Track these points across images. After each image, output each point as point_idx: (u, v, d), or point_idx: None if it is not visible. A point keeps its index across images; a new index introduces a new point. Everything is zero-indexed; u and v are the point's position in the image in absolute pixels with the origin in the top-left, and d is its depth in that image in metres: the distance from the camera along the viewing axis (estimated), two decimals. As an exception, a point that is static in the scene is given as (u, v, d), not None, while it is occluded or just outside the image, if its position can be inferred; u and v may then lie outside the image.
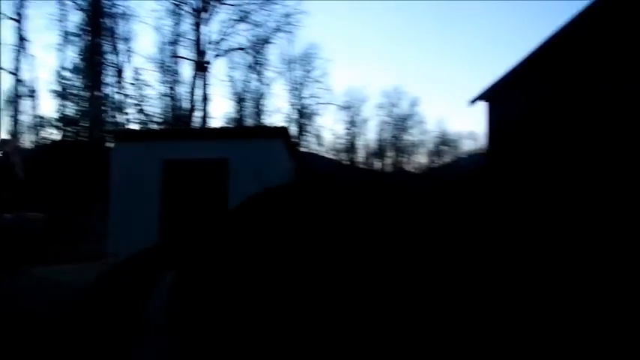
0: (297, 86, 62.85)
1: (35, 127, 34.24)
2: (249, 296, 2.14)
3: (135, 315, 3.11)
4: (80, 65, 34.31)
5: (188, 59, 39.11)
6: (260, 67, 52.20)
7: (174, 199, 13.05)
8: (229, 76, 48.12)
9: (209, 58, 40.63)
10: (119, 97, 36.23)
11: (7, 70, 30.90)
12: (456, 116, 78.71)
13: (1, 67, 30.02)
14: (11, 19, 31.40)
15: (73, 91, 33.87)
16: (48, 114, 35.44)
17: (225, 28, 42.02)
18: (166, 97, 39.55)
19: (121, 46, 36.79)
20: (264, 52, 50.74)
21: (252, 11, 40.63)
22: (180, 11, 37.77)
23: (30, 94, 33.05)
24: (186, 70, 53.31)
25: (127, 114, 36.44)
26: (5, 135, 29.69)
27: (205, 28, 39.31)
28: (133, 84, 36.79)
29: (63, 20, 34.03)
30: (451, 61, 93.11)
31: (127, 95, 36.33)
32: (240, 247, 2.61)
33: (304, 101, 63.12)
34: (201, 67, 38.94)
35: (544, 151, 13.00)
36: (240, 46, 44.56)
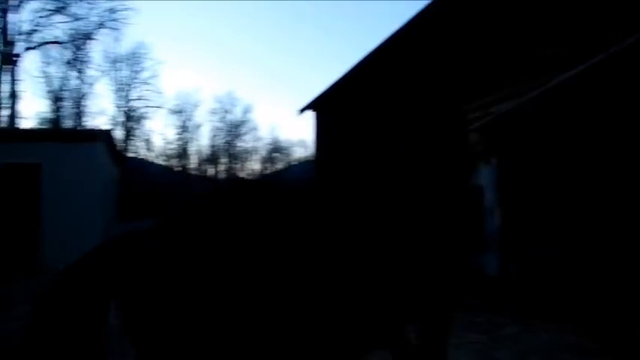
0: (124, 87, 58.83)
1: None
2: None
3: None
4: None
5: (-9, 50, 34.18)
6: (81, 65, 47.83)
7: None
8: (44, 72, 43.18)
9: (19, 50, 36.02)
10: None
11: None
12: (288, 124, 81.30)
13: None
14: None
15: None
16: None
17: (39, 18, 37.77)
18: (-37, 93, 34.13)
19: None
20: (85, 48, 46.59)
21: (71, 3, 37.02)
22: (-19, -5, 32.99)
23: None
24: (-11, 63, 46.52)
25: None
26: None
27: (14, 16, 34.77)
28: None
29: None
30: (284, 70, 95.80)
31: None
32: None
33: (132, 104, 59.33)
34: (9, 60, 34.31)
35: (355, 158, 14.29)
36: (57, 40, 40.35)
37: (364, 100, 14.75)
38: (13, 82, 34.68)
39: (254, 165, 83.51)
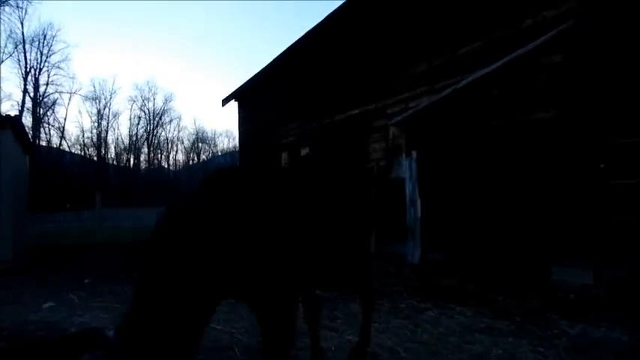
0: (33, 71, 54.48)
1: None
2: None
3: None
4: None
5: None
6: (-18, 45, 43.88)
7: None
8: (-62, 51, 39.40)
9: None
10: None
11: None
12: (213, 115, 79.65)
13: None
14: None
15: None
16: None
17: None
18: None
19: None
20: (-13, 26, 42.73)
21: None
22: None
23: None
24: None
25: None
26: None
27: None
28: None
29: None
30: (209, 61, 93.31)
31: None
32: None
33: (41, 89, 55.09)
34: None
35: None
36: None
37: (283, 92, 14.82)
38: None
39: (178, 155, 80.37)
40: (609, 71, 5.89)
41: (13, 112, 32.11)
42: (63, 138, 61.06)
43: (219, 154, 74.96)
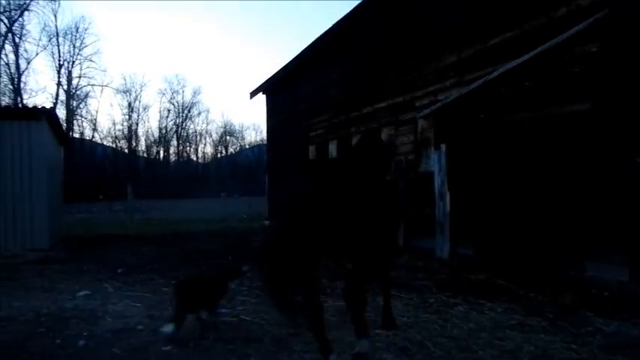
0: (66, 63, 55.73)
1: None
2: None
3: None
4: None
5: None
6: (17, 38, 45.09)
7: None
8: (-23, 46, 40.62)
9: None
10: None
11: None
12: (241, 108, 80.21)
13: None
14: None
15: None
16: None
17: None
18: None
19: None
20: (20, 20, 43.73)
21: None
22: None
23: None
24: None
25: None
26: None
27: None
28: None
29: None
30: (237, 54, 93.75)
31: None
32: None
33: (74, 82, 56.35)
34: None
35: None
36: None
37: (311, 85, 14.79)
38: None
39: (206, 148, 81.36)
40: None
41: (48, 105, 32.97)
42: (95, 130, 62.30)
43: (246, 146, 75.56)
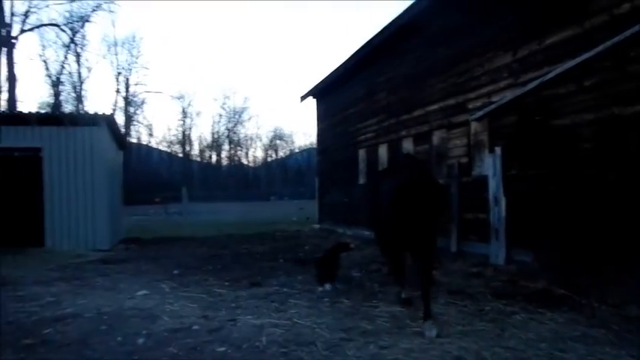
0: (123, 72, 58.19)
1: None
2: None
3: None
4: None
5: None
6: (79, 48, 47.37)
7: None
8: (41, 56, 42.86)
9: (14, 32, 35.64)
10: None
11: None
12: (290, 112, 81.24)
13: None
14: None
15: None
16: None
17: None
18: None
19: None
20: (82, 31, 45.95)
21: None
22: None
23: None
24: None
25: None
26: None
27: (8, -4, 34.32)
28: None
29: None
30: (286, 59, 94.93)
31: None
32: None
33: (131, 89, 58.77)
34: (5, 42, 33.97)
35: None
36: (53, 22, 39.91)
37: (361, 88, 14.72)
38: (10, 65, 34.33)
39: (257, 152, 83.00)
40: None
41: (107, 111, 34.43)
42: (151, 135, 64.68)
43: (296, 150, 76.35)
